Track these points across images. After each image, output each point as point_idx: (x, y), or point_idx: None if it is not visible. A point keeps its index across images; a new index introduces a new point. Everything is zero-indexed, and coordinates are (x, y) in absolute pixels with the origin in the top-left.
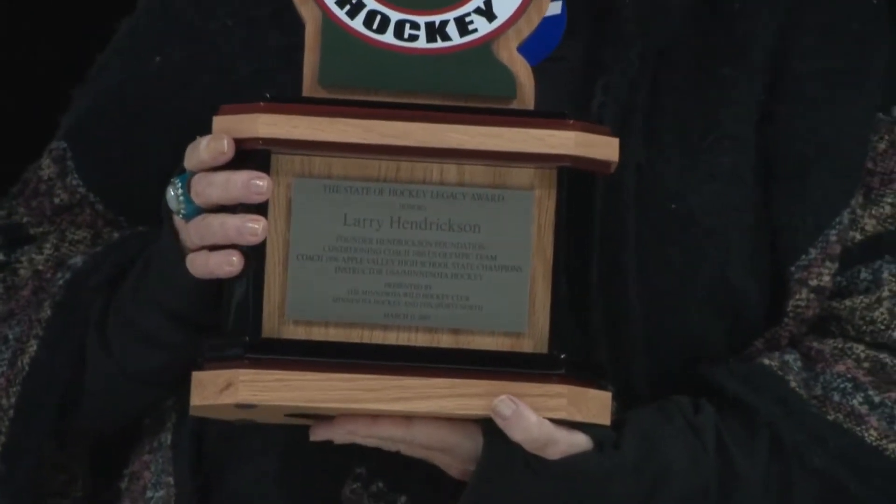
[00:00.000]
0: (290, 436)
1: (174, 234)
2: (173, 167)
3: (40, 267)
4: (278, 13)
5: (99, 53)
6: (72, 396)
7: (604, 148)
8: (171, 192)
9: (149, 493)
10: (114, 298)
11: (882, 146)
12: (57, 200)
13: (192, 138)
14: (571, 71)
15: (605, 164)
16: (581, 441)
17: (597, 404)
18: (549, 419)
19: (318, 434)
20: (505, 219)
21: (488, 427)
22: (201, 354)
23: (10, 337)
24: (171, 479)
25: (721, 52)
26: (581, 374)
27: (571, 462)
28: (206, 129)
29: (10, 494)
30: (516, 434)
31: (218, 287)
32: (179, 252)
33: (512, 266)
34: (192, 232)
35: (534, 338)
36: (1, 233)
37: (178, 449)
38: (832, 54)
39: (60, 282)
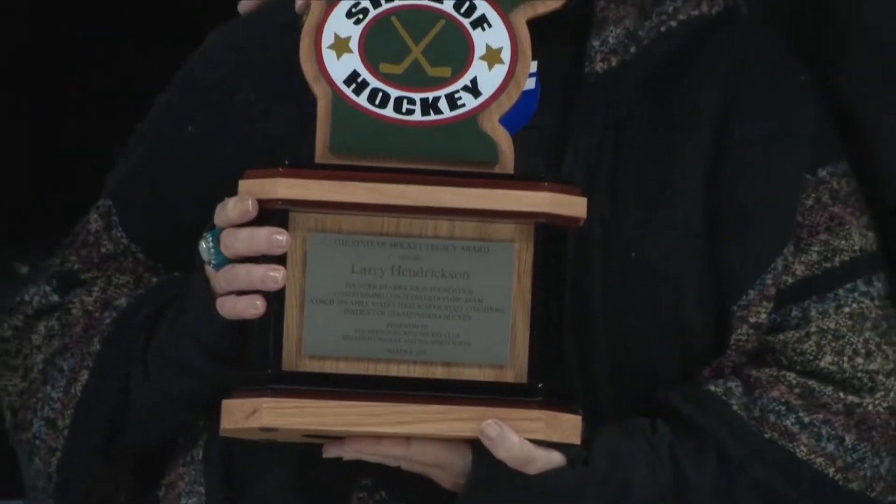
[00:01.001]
0: (305, 451)
1: (206, 280)
2: (203, 221)
3: (90, 307)
4: (293, 89)
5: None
6: (118, 418)
7: (574, 206)
8: (202, 244)
9: (182, 500)
10: (154, 335)
11: (809, 202)
12: (103, 250)
13: (220, 197)
14: (545, 137)
15: (576, 219)
16: (556, 458)
17: (569, 426)
18: (528, 440)
19: (330, 452)
20: (490, 267)
21: (476, 447)
22: (231, 384)
23: (65, 368)
24: (202, 489)
25: (672, 119)
26: (555, 400)
27: (548, 477)
28: (231, 190)
29: (65, 502)
30: (501, 453)
31: (243, 326)
32: (210, 296)
33: (496, 308)
34: (221, 279)
35: (515, 369)
36: (56, 278)
37: (209, 463)
38: (766, 122)
39: (108, 320)
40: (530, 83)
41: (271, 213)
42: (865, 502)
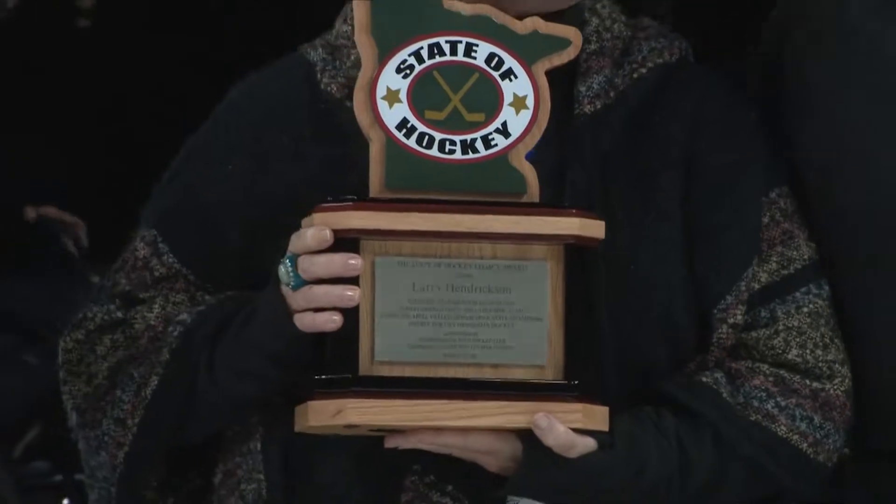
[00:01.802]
0: (361, 442)
1: (281, 298)
2: (246, 246)
3: (152, 322)
4: (319, 132)
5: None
6: (181, 419)
7: (595, 228)
8: (282, 269)
9: (242, 486)
10: (218, 347)
11: (766, 220)
12: (156, 273)
13: (262, 224)
14: (546, 170)
15: (597, 240)
16: (591, 443)
17: (601, 416)
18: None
19: (392, 442)
20: (528, 282)
21: (524, 436)
22: (308, 389)
23: (136, 375)
24: (261, 476)
25: (649, 152)
26: (588, 394)
27: (585, 459)
28: (276, 219)
29: (128, 489)
30: (549, 440)
31: (313, 338)
32: (286, 312)
33: (534, 317)
34: (300, 299)
35: (553, 369)
36: (118, 297)
37: (268, 453)
38: (728, 153)
39: (175, 333)
40: None
41: (344, 241)
42: (826, 472)
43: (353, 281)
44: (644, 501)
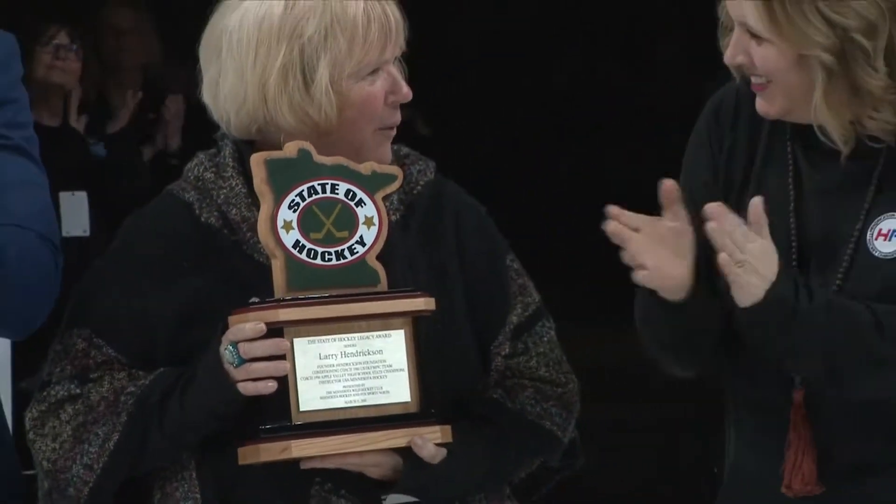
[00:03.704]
0: (276, 463)
1: (224, 372)
2: (166, 336)
3: (105, 394)
4: (205, 253)
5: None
6: (136, 462)
7: (431, 304)
8: (226, 353)
9: (182, 502)
10: (167, 409)
11: (512, 278)
12: (98, 360)
13: (174, 323)
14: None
15: (432, 311)
16: (444, 451)
17: (448, 433)
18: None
19: (308, 465)
20: (392, 345)
21: (404, 452)
22: (254, 435)
23: (100, 433)
24: (197, 495)
25: (436, 241)
26: (439, 419)
27: (443, 463)
28: (193, 317)
29: None
30: (423, 453)
31: (247, 399)
32: (229, 381)
33: (399, 368)
34: (242, 373)
35: (415, 404)
36: (74, 379)
37: (203, 477)
38: (482, 241)
39: (131, 400)
40: None
41: (272, 330)
42: (563, 446)
43: (281, 357)
44: (476, 487)
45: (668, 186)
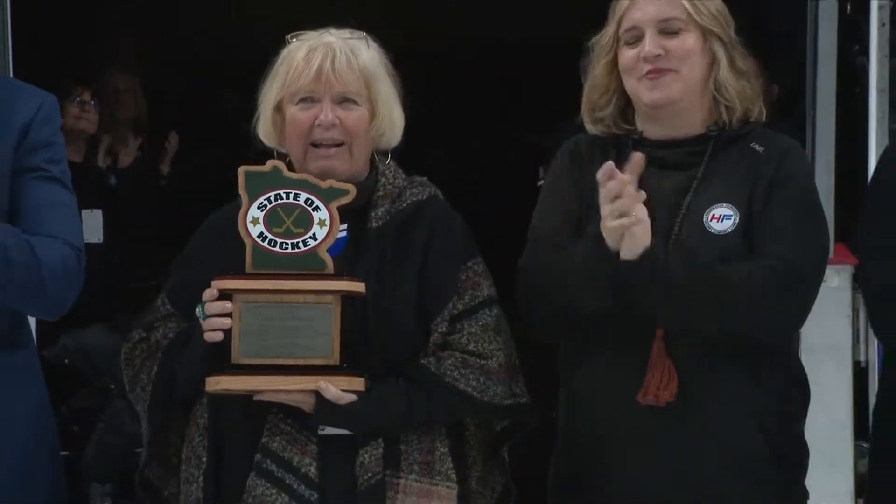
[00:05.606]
0: (250, 404)
1: (199, 325)
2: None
3: (159, 338)
4: (236, 241)
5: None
6: (170, 385)
7: (357, 286)
8: (198, 310)
9: (198, 449)
10: (182, 349)
11: (463, 277)
12: (163, 314)
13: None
14: (347, 259)
15: (360, 293)
16: (352, 397)
17: (357, 383)
18: (342, 389)
19: (258, 398)
20: (323, 315)
21: (317, 394)
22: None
23: (150, 365)
24: (206, 416)
25: (406, 249)
26: (352, 372)
27: (349, 405)
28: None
29: (151, 421)
30: (327, 395)
31: (214, 346)
32: (202, 332)
33: (325, 333)
34: (205, 325)
35: (334, 359)
36: (143, 327)
37: (211, 406)
38: (447, 244)
39: (165, 343)
40: (343, 233)
41: (225, 295)
42: (491, 406)
43: (229, 316)
44: (389, 429)
45: (637, 159)
